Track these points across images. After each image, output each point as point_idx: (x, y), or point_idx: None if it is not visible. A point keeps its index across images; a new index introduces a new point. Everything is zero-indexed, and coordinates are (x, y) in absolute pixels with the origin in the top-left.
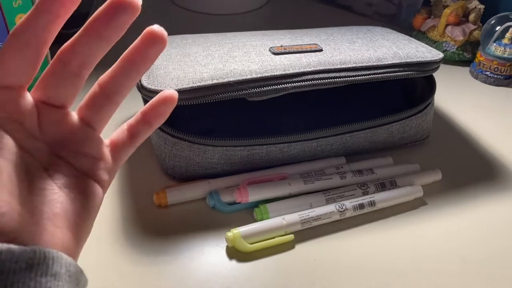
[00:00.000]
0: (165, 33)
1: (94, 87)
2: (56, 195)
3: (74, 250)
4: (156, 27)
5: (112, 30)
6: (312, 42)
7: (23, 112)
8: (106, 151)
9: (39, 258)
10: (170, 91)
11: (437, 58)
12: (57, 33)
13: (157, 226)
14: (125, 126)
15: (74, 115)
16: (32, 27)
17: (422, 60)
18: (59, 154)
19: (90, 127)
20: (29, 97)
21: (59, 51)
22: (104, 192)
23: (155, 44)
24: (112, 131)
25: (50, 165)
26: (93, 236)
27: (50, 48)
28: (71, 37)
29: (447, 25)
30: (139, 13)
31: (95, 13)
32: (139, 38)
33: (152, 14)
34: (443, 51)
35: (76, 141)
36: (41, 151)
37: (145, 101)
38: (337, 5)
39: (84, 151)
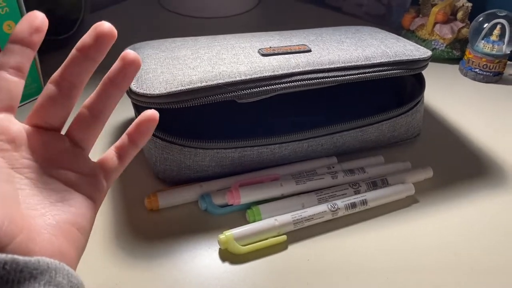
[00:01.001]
0: (138, 56)
1: (81, 109)
2: (48, 209)
3: (73, 260)
4: (131, 52)
5: (96, 51)
6: (301, 43)
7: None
8: (96, 170)
9: (43, 269)
10: (151, 111)
11: (425, 56)
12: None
13: (149, 230)
14: (112, 148)
15: (64, 137)
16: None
17: (411, 58)
18: (50, 172)
19: (79, 147)
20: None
21: (51, 78)
22: (97, 206)
23: (131, 66)
24: (105, 139)
25: (41, 183)
26: None
27: (42, 57)
28: (60, 43)
29: (435, 23)
30: (115, 38)
31: (81, 39)
32: (117, 61)
33: (142, 19)
34: (432, 50)
35: (66, 160)
36: (32, 170)
37: (135, 106)
38: (327, 6)
39: (75, 169)
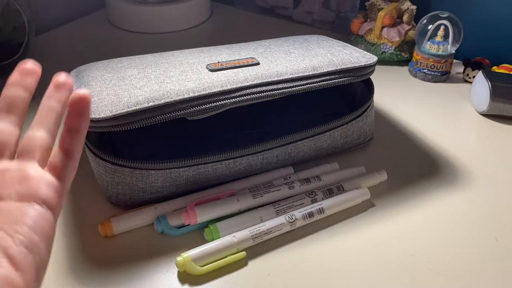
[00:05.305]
0: (88, 95)
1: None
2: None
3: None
4: (80, 94)
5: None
6: (249, 56)
7: None
8: (46, 175)
9: None
10: (80, 92)
11: (371, 62)
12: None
13: (105, 258)
14: (57, 146)
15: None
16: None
17: (357, 65)
18: None
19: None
20: None
21: None
22: (56, 215)
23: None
24: None
25: None
26: None
27: None
28: (5, 68)
29: (383, 27)
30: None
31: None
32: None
33: (91, 38)
34: (381, 53)
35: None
36: None
37: None
38: (277, 16)
39: (23, 183)
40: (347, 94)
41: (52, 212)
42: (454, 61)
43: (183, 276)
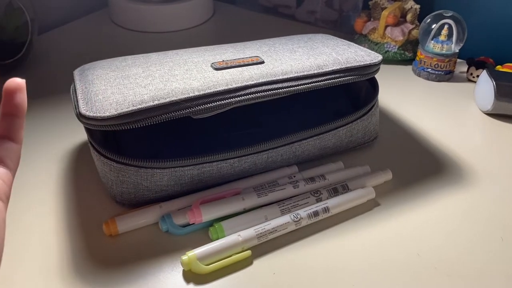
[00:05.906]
0: (22, 82)
1: None
2: None
3: None
4: (14, 81)
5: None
6: (254, 55)
7: None
8: None
9: None
10: (14, 79)
11: (376, 60)
12: None
13: (109, 257)
14: None
15: None
16: None
17: (362, 64)
18: None
19: None
20: None
21: None
22: (5, 204)
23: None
24: (58, 164)
25: None
26: (41, 272)
27: None
28: (8, 67)
29: (386, 26)
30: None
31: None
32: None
33: (94, 37)
34: (385, 52)
35: None
36: None
37: (87, 130)
38: (280, 15)
39: None
40: (352, 93)
41: (1, 201)
42: (458, 60)
43: (188, 275)
